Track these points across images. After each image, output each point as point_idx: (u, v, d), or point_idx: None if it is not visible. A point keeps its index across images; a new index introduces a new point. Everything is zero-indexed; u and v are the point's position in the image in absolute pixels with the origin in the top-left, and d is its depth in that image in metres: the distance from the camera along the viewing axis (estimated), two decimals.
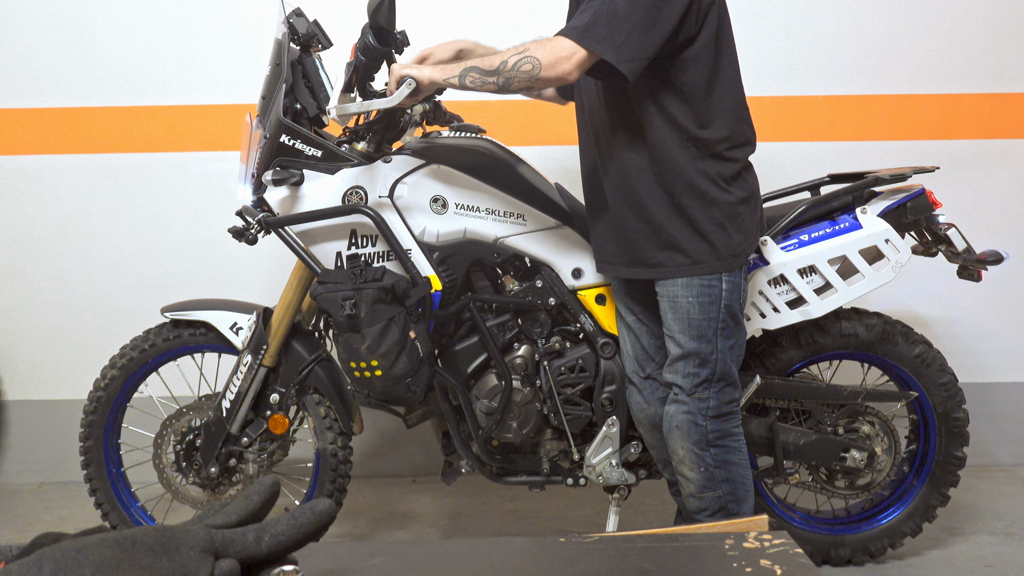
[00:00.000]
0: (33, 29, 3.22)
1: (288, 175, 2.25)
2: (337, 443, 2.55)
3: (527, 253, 2.40)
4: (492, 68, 1.96)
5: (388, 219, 2.29)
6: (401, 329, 2.23)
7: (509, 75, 1.96)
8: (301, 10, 2.37)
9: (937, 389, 2.54)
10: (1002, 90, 3.30)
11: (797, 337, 2.49)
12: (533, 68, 1.94)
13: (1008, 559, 2.68)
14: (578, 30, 1.94)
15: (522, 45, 1.98)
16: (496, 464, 2.50)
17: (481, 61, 1.99)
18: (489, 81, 1.97)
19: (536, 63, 1.94)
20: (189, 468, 2.54)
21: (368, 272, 2.24)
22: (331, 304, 2.21)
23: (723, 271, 2.14)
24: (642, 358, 2.35)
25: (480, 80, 1.98)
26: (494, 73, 1.96)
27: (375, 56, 2.21)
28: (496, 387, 2.41)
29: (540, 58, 1.94)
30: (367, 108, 2.15)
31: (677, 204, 2.11)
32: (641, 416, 2.37)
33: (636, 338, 2.34)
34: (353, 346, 2.23)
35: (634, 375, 2.37)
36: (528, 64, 1.94)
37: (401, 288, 2.24)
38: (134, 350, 2.59)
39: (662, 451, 2.36)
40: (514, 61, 1.95)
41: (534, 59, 1.94)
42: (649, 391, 2.34)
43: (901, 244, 2.38)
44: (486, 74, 1.97)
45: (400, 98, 2.06)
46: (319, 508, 0.80)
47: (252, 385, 2.48)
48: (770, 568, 0.89)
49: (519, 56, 1.95)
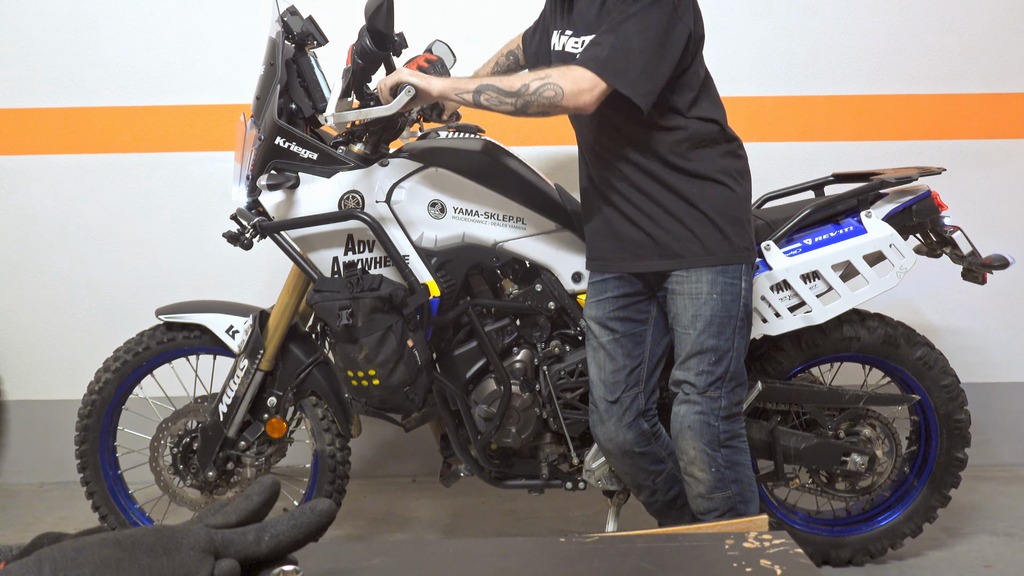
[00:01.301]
0: (33, 29, 3.22)
1: (283, 179, 2.23)
2: (335, 444, 2.54)
3: (527, 257, 2.38)
4: (512, 89, 1.98)
5: (385, 224, 2.27)
6: (399, 338, 2.21)
7: (529, 99, 1.98)
8: (296, 8, 2.34)
9: (939, 391, 2.53)
10: (1002, 90, 3.30)
11: (798, 340, 2.48)
12: (555, 96, 1.96)
13: (1008, 559, 2.67)
14: (598, 63, 1.97)
15: (543, 71, 2.00)
16: (495, 468, 2.49)
17: (500, 80, 2.00)
18: (507, 101, 1.99)
19: (559, 91, 1.96)
20: (187, 471, 2.52)
21: (365, 281, 2.21)
22: (328, 313, 2.19)
23: (741, 262, 2.15)
24: (612, 382, 2.25)
25: (497, 99, 1.99)
26: (514, 95, 1.98)
27: (372, 60, 2.19)
28: (495, 392, 2.39)
29: (563, 87, 1.96)
30: (364, 116, 2.12)
31: (684, 196, 2.13)
32: (610, 446, 2.27)
33: (610, 359, 2.24)
34: (350, 356, 2.21)
35: (601, 402, 2.26)
36: (550, 91, 1.96)
37: (398, 297, 2.22)
38: (128, 353, 2.57)
39: (635, 475, 2.31)
40: (536, 86, 1.97)
41: (557, 87, 1.96)
42: (618, 415, 2.24)
43: (906, 249, 2.36)
44: (504, 94, 1.99)
45: (398, 106, 2.05)
46: (319, 508, 0.80)
47: (249, 389, 2.46)
48: (770, 568, 0.89)
49: (541, 82, 1.97)
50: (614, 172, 2.18)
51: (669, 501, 2.35)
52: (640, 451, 2.27)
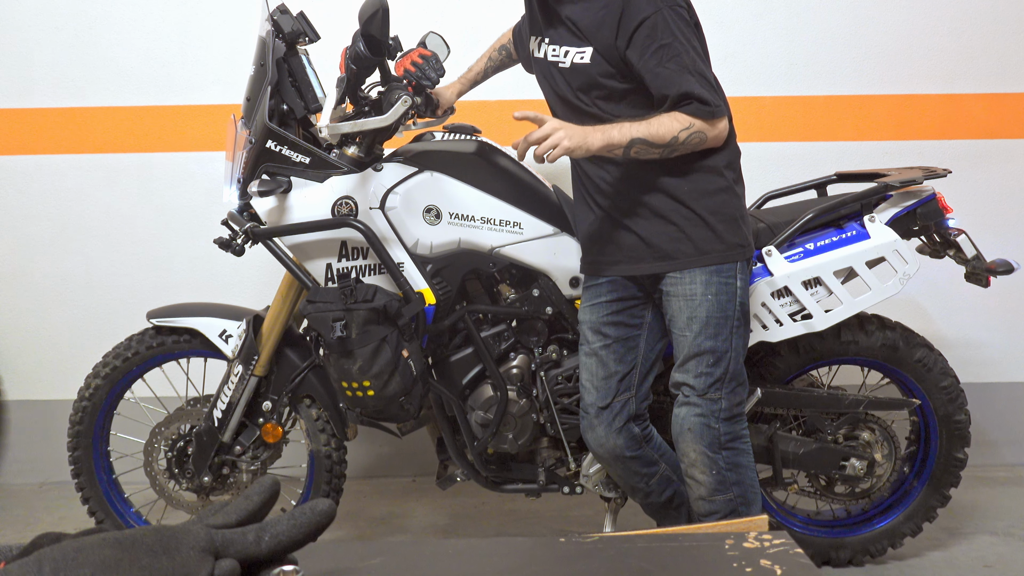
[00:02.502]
0: (33, 29, 3.22)
1: (275, 184, 2.19)
2: (331, 445, 2.52)
3: (524, 263, 2.34)
4: (663, 142, 2.03)
5: (379, 231, 2.23)
6: (394, 349, 2.19)
7: (677, 148, 2.04)
8: (285, 6, 2.31)
9: (939, 393, 2.51)
10: (1002, 90, 3.29)
11: (795, 345, 2.46)
12: (701, 142, 2.06)
13: (1008, 559, 2.67)
14: (709, 106, 2.03)
15: (683, 117, 2.03)
16: (491, 473, 2.47)
17: (647, 131, 2.01)
18: (655, 152, 2.04)
19: (703, 138, 2.05)
20: (182, 475, 2.51)
21: (359, 291, 2.18)
22: (321, 324, 2.17)
23: (735, 261, 2.14)
24: (604, 388, 2.24)
25: (646, 151, 2.03)
26: (665, 146, 2.03)
27: (366, 65, 2.16)
28: (491, 398, 2.37)
29: (707, 133, 2.05)
30: (360, 127, 2.09)
31: (675, 195, 2.12)
32: (601, 451, 2.28)
33: (602, 365, 2.24)
34: (345, 367, 2.19)
35: (592, 407, 2.26)
36: (697, 139, 2.04)
37: (393, 308, 2.19)
38: (117, 358, 2.56)
39: (628, 478, 2.31)
40: (685, 136, 2.03)
41: (702, 135, 2.05)
42: (608, 421, 2.24)
43: (909, 255, 2.34)
44: (653, 146, 2.03)
45: (395, 117, 2.04)
46: (319, 508, 0.80)
47: (244, 395, 2.45)
48: (770, 568, 0.89)
49: (688, 132, 2.03)
50: (605, 175, 2.17)
51: (665, 502, 2.35)
52: (631, 455, 2.26)
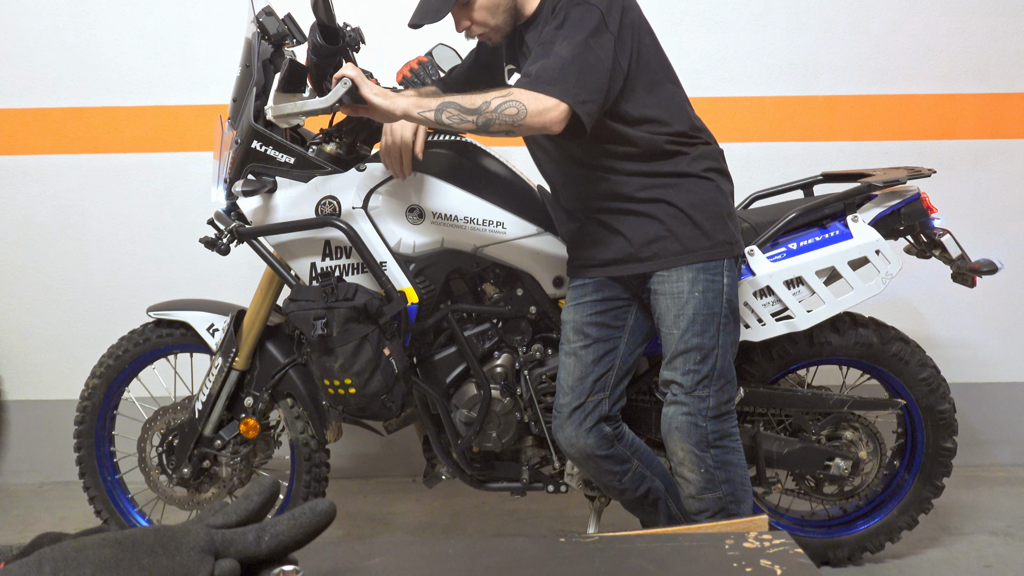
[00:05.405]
0: (33, 29, 3.22)
1: (260, 184, 2.21)
2: (308, 432, 2.53)
3: (507, 262, 2.35)
4: (473, 107, 1.91)
5: (362, 231, 2.24)
6: (375, 348, 2.20)
7: (490, 116, 1.90)
8: (272, 8, 2.31)
9: (919, 385, 2.50)
10: (1002, 90, 3.30)
11: (769, 349, 2.44)
12: (518, 113, 1.89)
13: (1008, 559, 2.67)
14: (541, 84, 1.91)
15: (507, 89, 1.94)
16: (476, 471, 2.48)
17: (462, 97, 1.94)
18: (468, 120, 1.92)
19: (522, 109, 1.88)
20: (169, 468, 2.53)
21: (340, 290, 2.19)
22: (303, 323, 2.18)
23: (722, 258, 2.13)
24: (578, 388, 2.23)
25: (459, 117, 1.92)
26: (474, 112, 1.91)
27: (326, 55, 2.12)
28: (475, 397, 2.38)
29: (527, 104, 1.88)
30: (302, 108, 2.05)
31: (658, 195, 2.11)
32: (572, 451, 2.25)
33: (579, 364, 2.23)
34: (326, 364, 2.21)
35: (565, 407, 2.24)
36: (512, 108, 1.88)
37: (374, 307, 2.20)
38: (110, 358, 2.60)
39: (601, 476, 2.30)
40: (497, 103, 1.89)
41: (520, 104, 1.88)
42: (578, 422, 2.22)
43: (892, 255, 2.33)
44: (465, 111, 1.92)
45: (335, 98, 1.97)
46: (319, 508, 0.80)
47: (224, 388, 2.47)
48: (770, 568, 0.89)
49: (503, 99, 1.89)
50: (586, 177, 2.17)
51: (639, 497, 2.34)
52: (602, 454, 2.25)
